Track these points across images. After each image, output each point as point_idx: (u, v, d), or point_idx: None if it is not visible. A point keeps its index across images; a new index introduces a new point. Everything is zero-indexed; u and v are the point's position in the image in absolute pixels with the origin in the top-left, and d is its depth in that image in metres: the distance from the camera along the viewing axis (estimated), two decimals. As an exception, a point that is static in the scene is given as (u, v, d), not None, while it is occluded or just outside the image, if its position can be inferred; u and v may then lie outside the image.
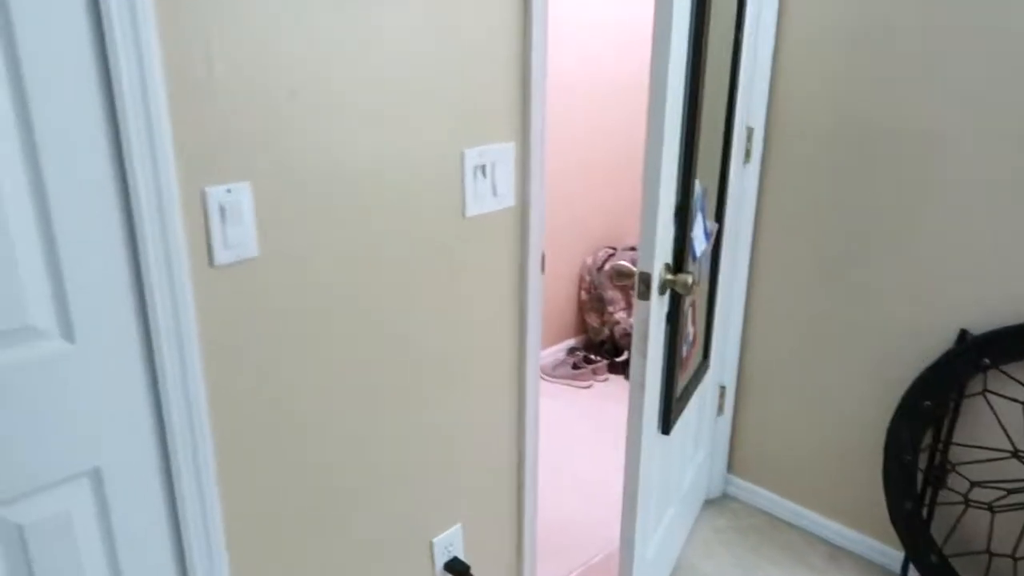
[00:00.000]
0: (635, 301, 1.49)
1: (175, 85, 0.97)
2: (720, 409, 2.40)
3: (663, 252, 1.49)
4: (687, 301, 1.69)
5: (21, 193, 0.89)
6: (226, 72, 1.01)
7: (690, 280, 1.50)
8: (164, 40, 0.95)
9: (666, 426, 1.71)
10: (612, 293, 3.53)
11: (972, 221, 1.81)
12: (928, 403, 1.91)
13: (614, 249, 3.58)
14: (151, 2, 0.92)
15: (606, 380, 3.41)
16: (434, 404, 1.46)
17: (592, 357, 3.42)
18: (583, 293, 3.56)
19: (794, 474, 2.32)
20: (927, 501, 1.99)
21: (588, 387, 3.33)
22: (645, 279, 1.46)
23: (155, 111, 0.95)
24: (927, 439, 1.97)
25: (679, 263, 1.57)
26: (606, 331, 3.52)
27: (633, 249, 3.56)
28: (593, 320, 3.55)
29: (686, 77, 1.43)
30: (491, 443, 1.63)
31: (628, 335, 3.48)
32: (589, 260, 3.52)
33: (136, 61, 0.92)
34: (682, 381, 1.81)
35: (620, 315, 3.54)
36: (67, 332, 0.97)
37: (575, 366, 3.37)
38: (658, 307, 1.51)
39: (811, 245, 2.11)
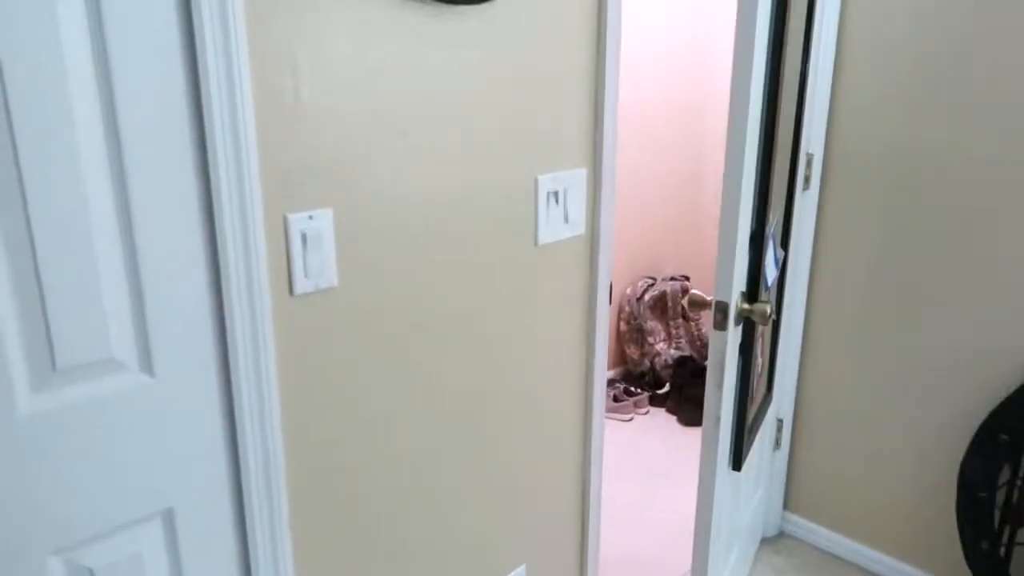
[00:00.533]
0: (711, 332, 1.43)
1: (262, 107, 0.94)
2: (777, 443, 2.32)
3: (739, 281, 1.43)
4: (758, 331, 1.63)
5: (108, 219, 0.86)
6: (313, 98, 0.98)
7: (768, 310, 1.44)
8: (254, 63, 0.92)
9: (737, 462, 1.64)
10: (652, 324, 3.46)
11: (1049, 247, 1.74)
12: (1004, 437, 1.83)
13: (653, 279, 3.52)
14: (243, 27, 0.89)
15: (647, 413, 3.33)
16: (503, 440, 1.40)
17: (633, 389, 3.35)
18: (622, 324, 3.50)
19: (856, 511, 2.23)
20: (1005, 540, 1.89)
21: (630, 420, 3.26)
22: (722, 308, 1.40)
23: (244, 133, 0.92)
24: (1004, 475, 1.88)
25: (753, 292, 1.51)
26: (646, 363, 3.45)
27: (673, 279, 3.51)
28: (633, 352, 3.48)
29: (763, 104, 1.39)
30: (557, 480, 1.56)
31: (669, 366, 3.41)
32: (628, 290, 3.47)
33: (227, 82, 0.89)
34: (751, 415, 1.74)
35: (660, 346, 3.47)
36: (147, 365, 0.93)
37: (616, 399, 3.30)
38: (734, 338, 1.46)
39: (871, 273, 2.05)
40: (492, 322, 1.32)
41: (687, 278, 3.57)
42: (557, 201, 1.37)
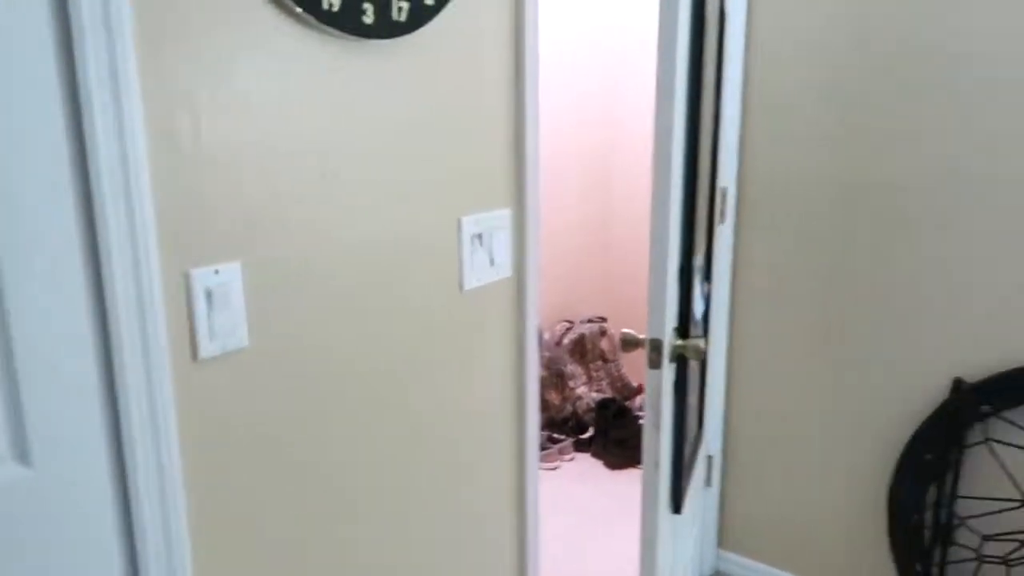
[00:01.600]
0: (646, 371, 1.39)
1: (157, 151, 0.83)
2: (708, 481, 2.29)
3: (671, 317, 1.40)
4: (690, 368, 1.60)
5: (-30, 285, 0.73)
6: (216, 140, 0.88)
7: (702, 345, 1.41)
8: (148, 101, 0.81)
9: (677, 505, 1.59)
10: (572, 367, 3.43)
11: (956, 269, 1.80)
12: (929, 457, 1.86)
13: (571, 322, 3.50)
14: (134, 60, 0.79)
15: (572, 459, 3.26)
16: (434, 501, 1.30)
17: (556, 436, 3.28)
18: (542, 370, 3.44)
19: (791, 544, 2.22)
20: (938, 560, 1.91)
21: (556, 468, 3.18)
22: (656, 346, 1.36)
23: (136, 180, 0.80)
24: (932, 496, 1.90)
25: (685, 328, 1.48)
26: (568, 407, 3.40)
27: (591, 321, 3.49)
28: (554, 397, 3.42)
29: (685, 140, 1.38)
30: (493, 537, 1.46)
31: (591, 410, 3.36)
32: (547, 335, 3.42)
33: (116, 123, 0.78)
34: (687, 454, 1.70)
35: (581, 390, 3.43)
36: (22, 455, 0.78)
37: (540, 447, 3.22)
38: (669, 376, 1.41)
39: (790, 304, 2.07)
40: (418, 374, 1.22)
41: (604, 319, 3.57)
42: (482, 243, 1.30)
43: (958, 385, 1.83)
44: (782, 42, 1.95)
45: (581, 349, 3.46)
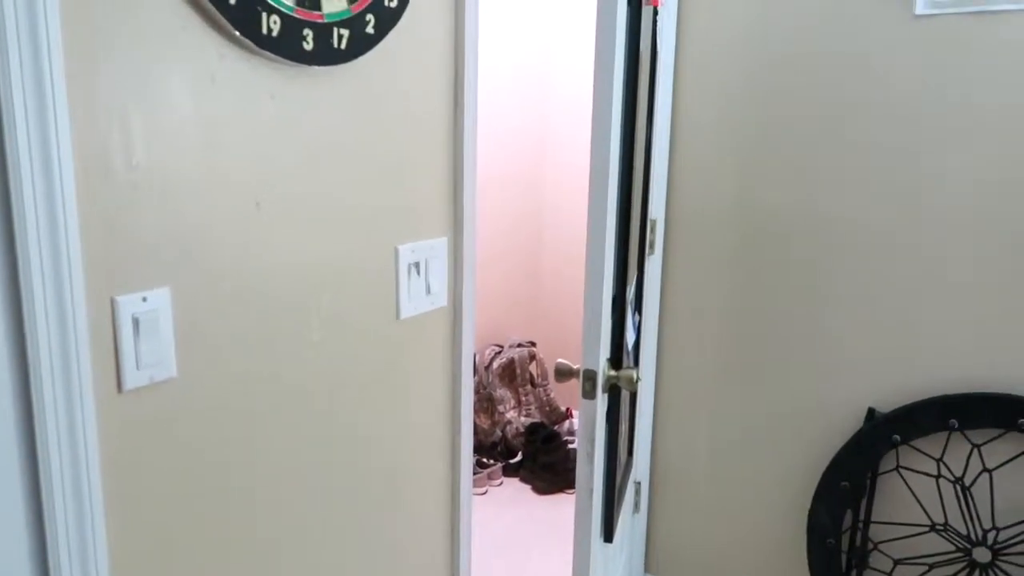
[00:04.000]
0: (580, 401, 1.40)
1: (86, 172, 0.80)
2: (636, 507, 2.32)
3: (605, 348, 1.42)
4: (621, 398, 1.63)
5: None
6: (148, 163, 0.85)
7: (635, 375, 1.43)
8: (76, 118, 0.78)
9: (608, 533, 1.60)
10: (502, 392, 3.43)
11: (871, 302, 1.89)
12: (845, 483, 1.93)
13: (501, 347, 3.50)
14: (62, 73, 0.76)
15: (501, 484, 3.25)
16: (365, 532, 1.27)
17: (485, 460, 3.26)
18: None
19: (715, 568, 2.26)
20: (853, 584, 1.98)
21: (484, 493, 3.16)
22: (591, 377, 1.37)
23: (61, 200, 0.77)
24: (848, 520, 1.98)
25: (618, 358, 1.50)
26: (498, 432, 3.40)
27: (520, 345, 3.51)
28: (483, 421, 3.41)
29: (620, 172, 1.41)
30: (424, 564, 1.44)
31: (520, 434, 3.37)
32: (477, 359, 3.42)
33: (40, 139, 0.75)
34: (618, 483, 1.71)
35: (511, 414, 3.43)
36: (-74, 492, 0.73)
37: (469, 472, 3.20)
38: (602, 406, 1.43)
39: (714, 334, 2.13)
40: (352, 402, 1.20)
41: (533, 344, 3.59)
42: (419, 272, 1.29)
43: (871, 414, 1.91)
44: (706, 81, 2.02)
45: (511, 373, 3.47)
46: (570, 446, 3.28)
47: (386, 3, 1.12)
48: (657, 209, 2.12)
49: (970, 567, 1.84)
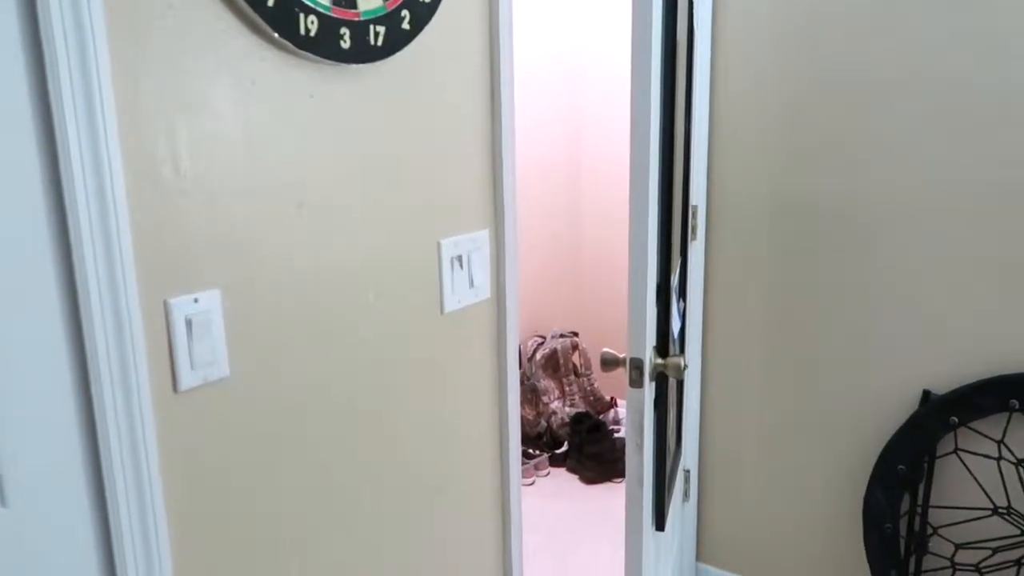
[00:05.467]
0: (628, 391, 1.39)
1: (135, 180, 0.82)
2: (686, 495, 2.30)
3: (651, 336, 1.40)
4: (668, 385, 1.61)
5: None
6: (194, 168, 0.87)
7: (682, 363, 1.41)
8: (124, 129, 0.80)
9: (660, 522, 1.59)
10: (545, 383, 3.43)
11: (920, 284, 1.84)
12: (902, 467, 1.89)
13: (543, 337, 3.50)
14: (110, 87, 0.77)
15: (548, 474, 3.26)
16: (417, 525, 1.28)
17: (531, 452, 3.27)
18: (515, 385, 3.44)
19: (769, 557, 2.23)
20: (912, 569, 1.94)
21: (531, 484, 3.17)
22: (638, 365, 1.36)
23: (113, 209, 0.79)
24: (905, 505, 1.93)
25: (664, 346, 1.49)
26: (542, 423, 3.40)
27: (563, 336, 3.50)
28: (528, 412, 3.42)
29: (660, 158, 1.39)
30: (477, 560, 1.45)
31: (566, 425, 3.36)
32: (519, 350, 3.42)
33: (92, 151, 0.77)
34: (668, 471, 1.70)
35: (555, 404, 3.43)
36: (-3, 494, 0.76)
37: (516, 463, 3.21)
38: (650, 395, 1.42)
39: (761, 319, 2.10)
40: (400, 396, 1.21)
41: (576, 334, 3.58)
42: (461, 265, 1.29)
43: (927, 397, 1.86)
44: (744, 62, 1.99)
45: (554, 364, 3.47)
46: (616, 435, 3.26)
47: (421, -2, 1.12)
48: (698, 195, 2.09)
49: (1035, 551, 1.78)
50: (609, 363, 1.43)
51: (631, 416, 1.40)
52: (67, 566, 0.81)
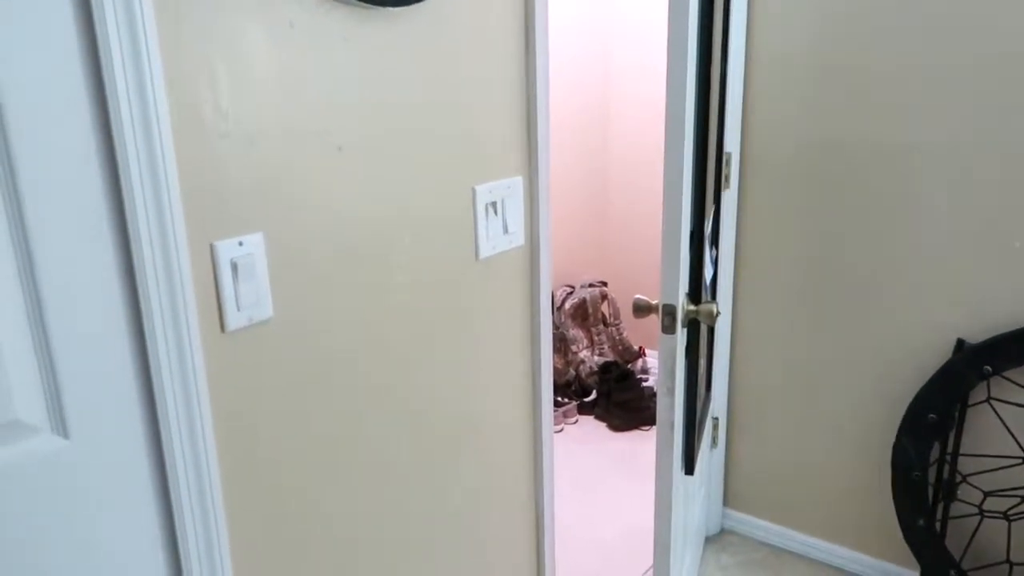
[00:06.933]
0: (660, 336, 1.40)
1: (180, 123, 0.83)
2: (714, 441, 2.32)
3: (684, 283, 1.41)
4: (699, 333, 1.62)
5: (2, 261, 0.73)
6: (235, 111, 0.88)
7: (714, 309, 1.42)
8: (168, 72, 0.81)
9: (690, 466, 1.62)
10: (574, 332, 3.45)
11: (957, 231, 1.82)
12: (932, 416, 1.89)
13: (572, 287, 3.51)
14: (155, 31, 0.78)
15: (576, 422, 3.30)
16: (454, 464, 1.32)
17: (560, 399, 3.31)
18: (544, 334, 3.47)
19: (796, 502, 2.26)
20: (940, 516, 1.96)
21: (560, 431, 3.22)
22: (670, 312, 1.37)
23: (161, 152, 0.80)
24: (934, 453, 1.94)
25: (696, 293, 1.49)
26: (571, 371, 3.43)
27: (592, 286, 3.51)
28: (557, 361, 3.45)
29: (696, 105, 1.37)
30: (510, 500, 1.49)
31: (594, 373, 3.40)
32: (548, 300, 3.44)
33: (139, 94, 0.78)
34: (698, 417, 1.72)
35: (584, 354, 3.46)
36: (60, 426, 0.80)
37: (544, 411, 3.25)
38: (682, 341, 1.43)
39: (793, 266, 2.09)
40: (438, 343, 1.24)
41: (605, 283, 3.58)
42: (496, 212, 1.30)
43: (960, 345, 1.85)
44: (780, 5, 1.94)
45: (583, 313, 3.49)
46: (644, 384, 3.29)
47: (456, -61, 1.11)
48: (732, 143, 2.07)
49: (1065, 499, 1.79)
50: (642, 309, 1.44)
51: (663, 362, 1.42)
52: (125, 498, 0.86)
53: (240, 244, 0.92)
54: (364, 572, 1.17)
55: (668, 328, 1.39)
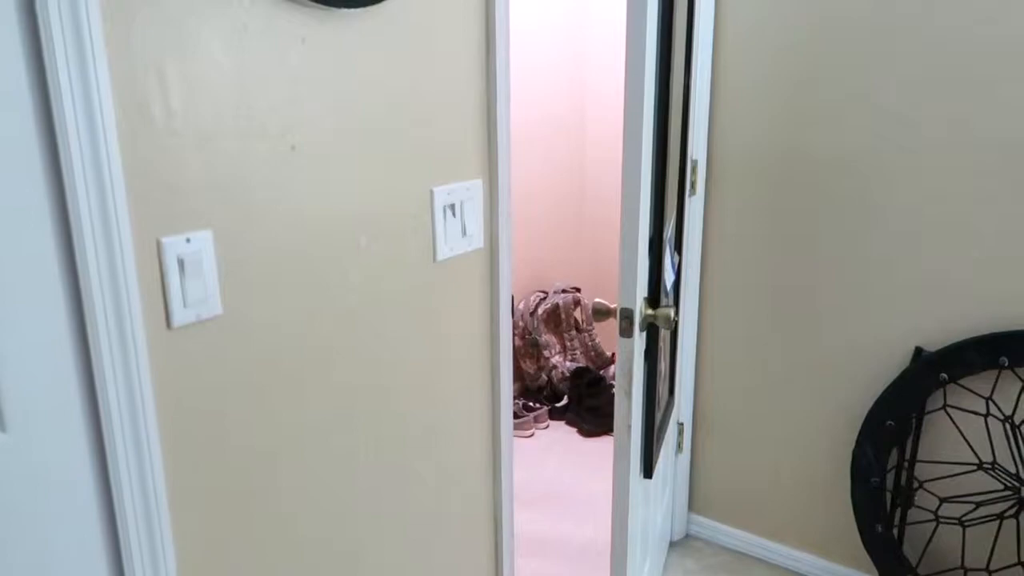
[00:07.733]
0: (618, 340, 1.42)
1: (127, 122, 0.83)
2: (679, 447, 2.34)
3: (642, 287, 1.42)
4: (660, 336, 1.63)
5: (-60, 253, 0.73)
6: (185, 110, 0.88)
7: (671, 314, 1.44)
8: (115, 71, 0.81)
9: (648, 469, 1.63)
10: (547, 337, 3.46)
11: (916, 241, 1.85)
12: (890, 423, 1.92)
13: (545, 293, 3.52)
14: (100, 29, 0.78)
15: (547, 427, 3.31)
16: (409, 473, 1.32)
17: (532, 404, 3.32)
18: (517, 339, 3.48)
19: (759, 508, 2.28)
20: (897, 522, 1.98)
21: (531, 436, 3.23)
22: (628, 315, 1.39)
23: (105, 150, 0.81)
24: (892, 460, 1.97)
25: (655, 297, 1.51)
26: (543, 376, 3.44)
27: (565, 291, 3.52)
28: (529, 366, 3.46)
29: (655, 112, 1.39)
30: (468, 509, 1.50)
31: (566, 379, 3.41)
32: (522, 305, 3.45)
33: (83, 93, 0.78)
34: (658, 420, 1.73)
35: (556, 359, 3.47)
36: (-3, 420, 0.79)
37: (515, 415, 3.26)
38: (640, 344, 1.44)
39: (758, 273, 2.11)
40: (394, 344, 1.24)
41: (578, 289, 3.60)
42: (454, 214, 1.31)
43: (918, 353, 1.88)
44: (748, 14, 1.96)
45: (555, 319, 3.50)
46: (614, 389, 3.31)
47: (414, -58, 1.12)
48: (698, 150, 2.09)
49: (1019, 504, 1.82)
50: (601, 313, 1.45)
51: (621, 364, 1.43)
52: (65, 492, 0.85)
53: (188, 241, 0.92)
54: (311, 574, 1.17)
55: (625, 332, 1.40)
